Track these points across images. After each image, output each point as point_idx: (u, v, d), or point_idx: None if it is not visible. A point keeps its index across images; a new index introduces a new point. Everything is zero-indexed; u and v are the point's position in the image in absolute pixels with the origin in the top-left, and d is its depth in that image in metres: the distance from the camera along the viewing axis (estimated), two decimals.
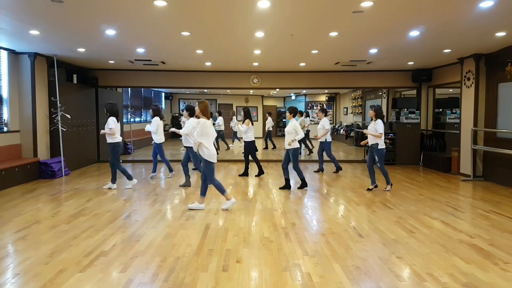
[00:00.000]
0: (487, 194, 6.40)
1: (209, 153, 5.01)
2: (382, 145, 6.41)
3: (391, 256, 3.60)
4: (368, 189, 6.64)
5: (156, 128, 7.41)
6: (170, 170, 7.90)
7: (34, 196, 6.13)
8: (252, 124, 7.84)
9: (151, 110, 7.84)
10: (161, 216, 4.95)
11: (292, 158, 6.55)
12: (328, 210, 5.29)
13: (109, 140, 6.58)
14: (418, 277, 3.13)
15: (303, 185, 6.72)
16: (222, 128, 12.91)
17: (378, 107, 6.60)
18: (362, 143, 6.82)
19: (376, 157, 6.49)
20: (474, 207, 5.53)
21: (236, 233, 4.25)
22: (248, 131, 7.75)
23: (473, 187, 7.09)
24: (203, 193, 5.32)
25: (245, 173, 8.08)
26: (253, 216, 4.97)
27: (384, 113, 12.72)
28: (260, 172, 8.10)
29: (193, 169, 8.27)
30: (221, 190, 5.21)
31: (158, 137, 7.50)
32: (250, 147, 7.85)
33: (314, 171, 8.72)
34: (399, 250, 3.76)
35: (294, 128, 6.48)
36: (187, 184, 6.95)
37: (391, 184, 6.68)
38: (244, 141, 7.93)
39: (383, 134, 6.41)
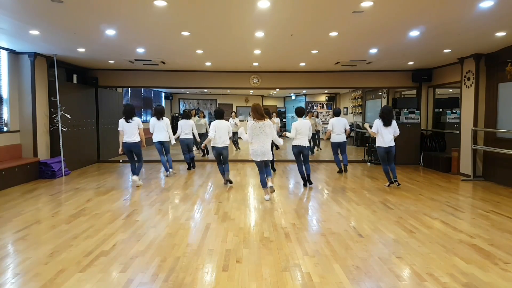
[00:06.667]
0: (487, 194, 6.40)
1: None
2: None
3: (391, 256, 3.60)
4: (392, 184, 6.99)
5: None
6: (167, 169, 8.10)
7: (34, 196, 6.13)
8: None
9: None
10: (161, 216, 4.95)
11: (308, 155, 6.84)
12: (328, 210, 5.28)
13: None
14: (418, 277, 3.13)
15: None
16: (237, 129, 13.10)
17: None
18: None
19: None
20: (474, 207, 5.53)
21: (236, 233, 4.24)
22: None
23: (473, 187, 7.09)
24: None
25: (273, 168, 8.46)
26: (253, 216, 4.97)
27: None
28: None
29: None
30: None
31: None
32: None
33: (339, 172, 8.49)
34: (399, 250, 3.76)
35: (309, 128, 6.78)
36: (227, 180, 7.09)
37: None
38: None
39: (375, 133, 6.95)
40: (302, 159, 6.80)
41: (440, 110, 10.21)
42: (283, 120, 20.67)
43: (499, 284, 3.03)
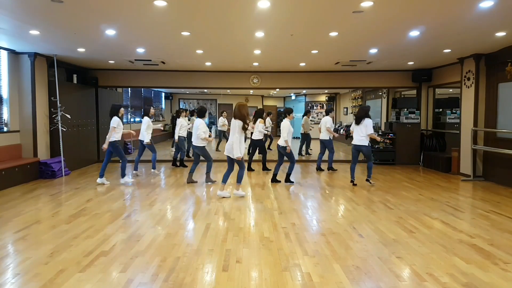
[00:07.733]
0: (487, 194, 6.40)
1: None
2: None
3: (391, 256, 3.60)
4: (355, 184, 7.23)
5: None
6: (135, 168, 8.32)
7: (34, 196, 6.13)
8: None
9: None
10: (161, 216, 4.95)
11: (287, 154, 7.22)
12: (328, 210, 5.29)
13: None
14: (418, 277, 3.14)
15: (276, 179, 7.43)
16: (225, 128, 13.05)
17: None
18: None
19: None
20: (474, 207, 5.53)
21: (236, 233, 4.25)
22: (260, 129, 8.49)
23: (473, 187, 7.09)
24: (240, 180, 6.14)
25: (250, 168, 8.82)
26: (253, 216, 4.97)
27: (384, 113, 12.74)
28: (264, 168, 8.83)
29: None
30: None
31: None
32: (260, 144, 8.48)
33: (329, 170, 8.96)
34: (399, 250, 3.76)
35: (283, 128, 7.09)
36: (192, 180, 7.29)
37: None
38: (254, 139, 8.48)
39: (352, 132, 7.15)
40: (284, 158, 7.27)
41: (440, 110, 10.21)
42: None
43: (499, 284, 3.03)
